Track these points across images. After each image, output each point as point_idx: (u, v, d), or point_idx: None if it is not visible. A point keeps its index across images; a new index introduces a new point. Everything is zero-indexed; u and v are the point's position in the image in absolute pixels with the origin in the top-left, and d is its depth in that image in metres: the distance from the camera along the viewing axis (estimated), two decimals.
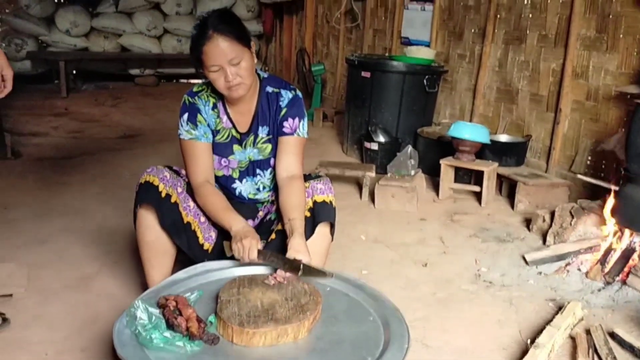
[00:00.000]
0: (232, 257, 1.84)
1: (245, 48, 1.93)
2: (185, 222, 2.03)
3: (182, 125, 2.07)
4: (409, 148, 3.86)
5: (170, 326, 1.47)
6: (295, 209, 1.95)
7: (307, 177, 2.14)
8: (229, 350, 1.45)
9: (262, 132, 2.12)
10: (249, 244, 1.78)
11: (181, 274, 1.80)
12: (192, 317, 1.49)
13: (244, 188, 2.18)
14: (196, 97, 2.09)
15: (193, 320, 1.48)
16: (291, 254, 1.78)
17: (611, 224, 2.72)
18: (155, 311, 1.53)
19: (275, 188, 2.16)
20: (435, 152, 4.02)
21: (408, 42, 5.33)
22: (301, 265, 1.72)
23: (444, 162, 3.74)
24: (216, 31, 1.87)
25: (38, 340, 1.98)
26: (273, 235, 2.05)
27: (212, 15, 1.92)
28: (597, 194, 3.17)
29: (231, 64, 1.90)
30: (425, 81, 4.42)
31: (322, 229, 2.02)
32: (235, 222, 1.90)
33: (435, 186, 3.87)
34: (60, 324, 2.10)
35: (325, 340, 1.51)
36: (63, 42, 7.64)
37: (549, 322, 2.11)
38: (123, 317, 1.50)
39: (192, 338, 1.44)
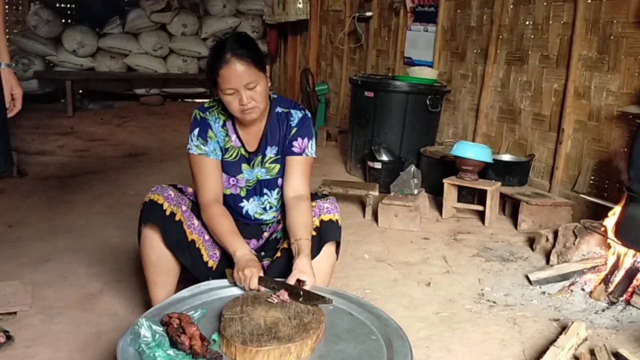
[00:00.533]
0: (233, 284, 1.85)
1: (261, 73, 1.95)
2: (189, 240, 2.04)
3: (191, 140, 2.07)
4: (412, 167, 3.88)
5: (173, 344, 1.48)
6: (302, 229, 1.95)
7: (313, 197, 2.15)
8: None
9: (271, 152, 2.14)
10: (250, 273, 1.78)
11: (185, 292, 1.81)
12: (196, 335, 1.49)
13: (250, 207, 2.19)
14: (207, 113, 2.10)
15: (196, 338, 1.48)
16: (295, 274, 1.79)
17: (615, 243, 2.72)
18: (159, 329, 1.53)
19: (281, 208, 2.17)
20: (438, 171, 4.03)
21: (411, 63, 5.38)
22: (301, 292, 1.72)
23: (447, 182, 3.75)
24: (234, 55, 1.89)
25: (41, 359, 1.98)
26: (279, 254, 2.06)
27: (230, 39, 1.94)
28: (600, 214, 3.17)
29: (247, 88, 1.92)
30: (428, 101, 4.45)
31: (328, 248, 2.03)
32: (239, 249, 1.90)
33: (439, 205, 3.88)
34: (64, 342, 2.10)
35: (329, 359, 1.51)
36: (70, 61, 7.73)
37: (552, 342, 2.10)
38: (127, 335, 1.50)
39: (195, 356, 1.44)
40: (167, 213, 2.00)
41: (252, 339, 1.48)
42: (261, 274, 1.81)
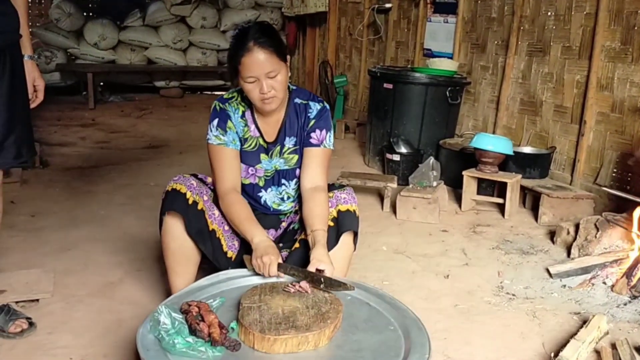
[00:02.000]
0: (252, 271, 1.86)
1: (282, 62, 1.96)
2: (210, 229, 2.06)
3: (211, 130, 2.09)
4: (431, 159, 3.86)
5: (192, 332, 1.49)
6: (318, 220, 1.96)
7: (330, 187, 2.15)
8: (250, 357, 1.46)
9: (289, 142, 2.14)
10: (269, 261, 1.79)
11: (204, 281, 1.82)
12: (215, 323, 1.51)
13: (268, 197, 2.20)
14: (227, 104, 2.11)
15: (215, 326, 1.49)
16: (314, 264, 1.79)
17: (638, 237, 2.68)
18: (179, 317, 1.55)
19: (299, 198, 2.18)
20: (458, 163, 4.00)
21: (431, 54, 5.33)
22: (322, 279, 1.72)
23: (466, 174, 3.72)
24: (257, 43, 1.90)
25: (63, 345, 2.02)
26: (297, 245, 2.06)
27: (253, 27, 1.95)
28: (622, 207, 3.12)
29: (268, 76, 1.92)
30: (447, 93, 4.41)
31: (345, 239, 2.03)
32: (257, 235, 1.91)
33: (458, 198, 3.85)
34: (85, 329, 2.13)
35: (346, 348, 1.51)
36: (91, 54, 7.81)
37: (573, 335, 2.07)
38: (147, 322, 1.52)
39: (214, 344, 1.45)
40: (190, 202, 2.01)
41: (270, 328, 1.49)
42: (280, 261, 1.81)
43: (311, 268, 1.79)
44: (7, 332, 2.03)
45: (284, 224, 2.25)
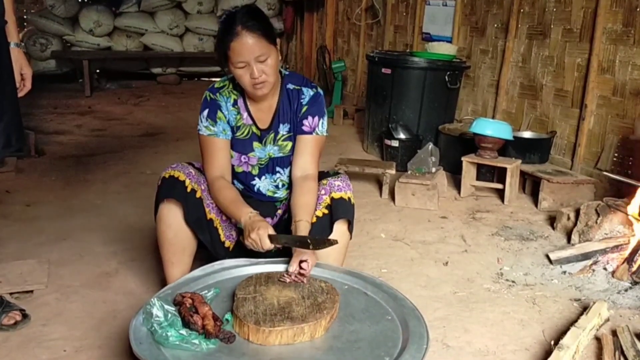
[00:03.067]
0: (252, 251, 1.84)
1: (271, 45, 1.92)
2: (208, 218, 2.03)
3: (201, 121, 2.06)
4: (430, 145, 3.82)
5: (186, 324, 1.47)
6: (303, 210, 1.93)
7: (325, 175, 2.12)
8: (245, 349, 1.44)
9: (283, 129, 2.11)
10: (258, 236, 1.77)
11: (198, 271, 1.80)
12: (208, 315, 1.48)
13: (262, 185, 2.17)
14: (217, 94, 2.08)
15: (209, 318, 1.47)
16: (296, 256, 1.78)
17: (638, 222, 2.65)
18: (172, 309, 1.52)
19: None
20: (457, 149, 3.97)
21: (429, 38, 5.27)
22: (308, 240, 1.73)
23: (465, 159, 3.68)
24: (245, 28, 1.86)
25: (57, 337, 1.99)
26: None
27: (240, 12, 1.91)
28: (623, 191, 3.09)
29: (258, 60, 1.89)
30: (446, 77, 4.36)
31: (340, 227, 1.99)
32: (243, 214, 1.89)
33: (457, 184, 3.82)
34: (79, 320, 2.11)
35: (343, 339, 1.49)
36: (87, 41, 7.74)
37: (573, 322, 2.05)
38: (139, 315, 1.50)
39: (208, 336, 1.43)
40: (189, 190, 1.98)
41: (265, 319, 1.46)
42: (270, 231, 1.79)
43: (294, 260, 1.77)
44: (1, 324, 2.00)
45: (279, 212, 2.22)
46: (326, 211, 1.98)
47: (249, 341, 1.46)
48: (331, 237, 1.94)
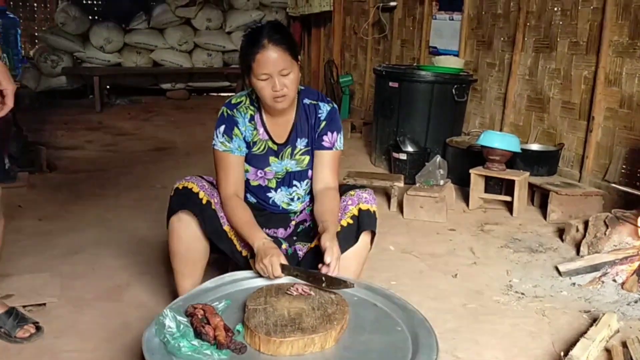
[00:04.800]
0: (258, 274, 1.85)
1: (294, 61, 1.96)
2: (223, 229, 2.05)
3: (217, 136, 2.08)
4: (438, 158, 3.83)
5: (198, 335, 1.48)
6: (328, 214, 1.97)
7: (352, 187, 2.16)
8: (256, 359, 1.45)
9: (300, 143, 2.14)
10: (270, 262, 1.78)
11: (209, 283, 1.81)
12: (220, 325, 1.49)
13: (277, 197, 2.19)
14: (235, 110, 2.10)
15: (221, 329, 1.48)
16: (323, 249, 1.79)
17: None
18: (184, 320, 1.54)
19: (310, 198, 2.18)
20: (465, 161, 3.98)
21: (436, 52, 5.31)
22: (323, 277, 1.72)
23: (473, 172, 3.70)
24: (271, 41, 1.90)
25: (70, 349, 2.01)
26: (316, 241, 2.04)
27: (266, 26, 1.96)
28: (632, 203, 3.09)
29: (281, 74, 1.93)
30: (454, 90, 4.39)
31: (364, 238, 2.03)
32: (257, 239, 1.90)
33: (465, 196, 3.83)
34: (92, 333, 2.13)
35: (353, 350, 1.50)
36: (97, 58, 7.84)
37: (583, 334, 2.05)
38: (152, 326, 1.51)
39: (219, 347, 1.44)
40: (204, 201, 2.01)
41: (276, 330, 1.48)
42: (282, 261, 1.80)
43: (325, 253, 1.79)
44: (15, 337, 2.02)
45: (293, 223, 2.24)
46: (351, 221, 2.00)
47: (260, 352, 1.47)
48: (355, 246, 1.98)
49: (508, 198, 3.67)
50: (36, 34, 8.15)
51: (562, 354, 2.00)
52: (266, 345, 1.46)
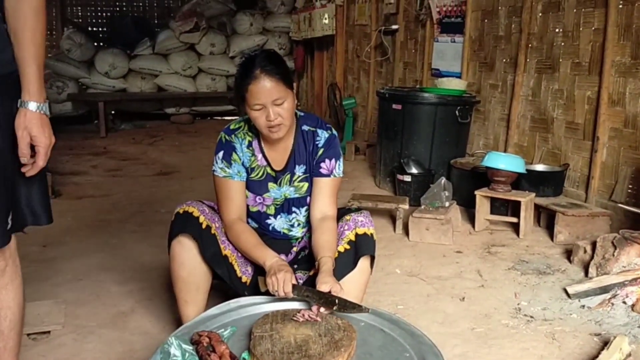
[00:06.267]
0: (266, 292, 1.83)
1: (289, 90, 1.96)
2: (223, 254, 2.04)
3: (216, 163, 2.09)
4: (443, 179, 3.82)
5: None
6: (325, 248, 1.94)
7: (347, 211, 2.14)
8: None
9: (299, 170, 2.13)
10: (283, 277, 1.76)
11: (214, 309, 1.79)
12: (226, 353, 1.47)
13: (277, 223, 2.18)
14: (232, 135, 2.11)
15: (226, 356, 1.46)
16: (319, 286, 1.76)
17: None
18: (189, 348, 1.51)
19: (310, 225, 2.16)
20: (470, 183, 3.97)
21: (439, 74, 5.33)
22: (336, 300, 1.69)
23: (479, 193, 3.68)
24: (263, 71, 1.90)
25: None
26: (314, 270, 2.03)
27: (259, 55, 1.95)
28: (639, 223, 3.06)
29: (274, 104, 1.92)
30: (457, 112, 4.39)
31: (363, 263, 2.01)
32: (269, 257, 1.90)
33: (471, 218, 3.81)
34: None
35: None
36: (102, 83, 7.92)
37: (594, 358, 2.02)
38: (157, 354, 1.49)
39: None
40: (204, 226, 2.00)
41: (283, 357, 1.46)
42: (294, 281, 1.79)
43: (318, 288, 1.76)
44: None
45: (295, 249, 2.23)
46: (348, 247, 1.99)
47: None
48: (354, 272, 1.96)
49: (514, 219, 3.65)
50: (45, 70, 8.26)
51: None
52: None
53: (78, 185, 4.79)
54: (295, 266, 2.15)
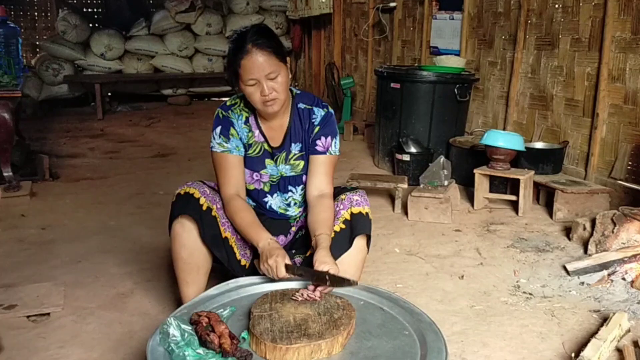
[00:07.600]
0: (263, 276, 1.83)
1: (281, 63, 1.94)
2: (223, 236, 2.03)
3: (214, 138, 2.07)
4: (442, 158, 3.81)
5: (203, 343, 1.46)
6: (322, 225, 1.93)
7: (343, 190, 2.13)
8: None
9: (295, 148, 2.12)
10: (275, 263, 1.76)
11: (214, 290, 1.79)
12: (225, 333, 1.47)
13: (274, 202, 2.17)
14: (229, 111, 2.09)
15: (226, 336, 1.46)
16: (318, 266, 1.76)
17: None
18: (188, 328, 1.51)
19: (306, 204, 2.15)
20: (469, 161, 3.95)
21: (437, 52, 5.29)
22: (327, 276, 1.70)
23: (478, 172, 3.67)
24: (255, 45, 1.88)
25: (74, 359, 1.99)
26: (310, 251, 2.03)
27: (250, 30, 1.93)
28: (639, 200, 3.06)
29: (268, 78, 1.90)
30: (456, 90, 4.36)
31: (359, 242, 2.00)
32: (262, 239, 1.88)
33: (470, 196, 3.80)
34: (96, 342, 2.11)
35: (360, 355, 1.48)
36: (98, 65, 7.84)
37: (593, 334, 2.02)
38: (156, 335, 1.49)
39: (225, 355, 1.42)
40: (204, 208, 1.99)
41: (282, 337, 1.46)
42: (287, 261, 1.78)
43: (316, 269, 1.76)
44: None
45: (293, 229, 2.22)
46: (344, 226, 1.98)
47: (266, 359, 1.45)
48: (350, 251, 1.95)
49: (513, 197, 3.64)
50: (37, 42, 8.16)
51: (572, 355, 1.97)
52: (272, 353, 1.44)
53: (75, 168, 4.77)
54: (293, 251, 2.15)
